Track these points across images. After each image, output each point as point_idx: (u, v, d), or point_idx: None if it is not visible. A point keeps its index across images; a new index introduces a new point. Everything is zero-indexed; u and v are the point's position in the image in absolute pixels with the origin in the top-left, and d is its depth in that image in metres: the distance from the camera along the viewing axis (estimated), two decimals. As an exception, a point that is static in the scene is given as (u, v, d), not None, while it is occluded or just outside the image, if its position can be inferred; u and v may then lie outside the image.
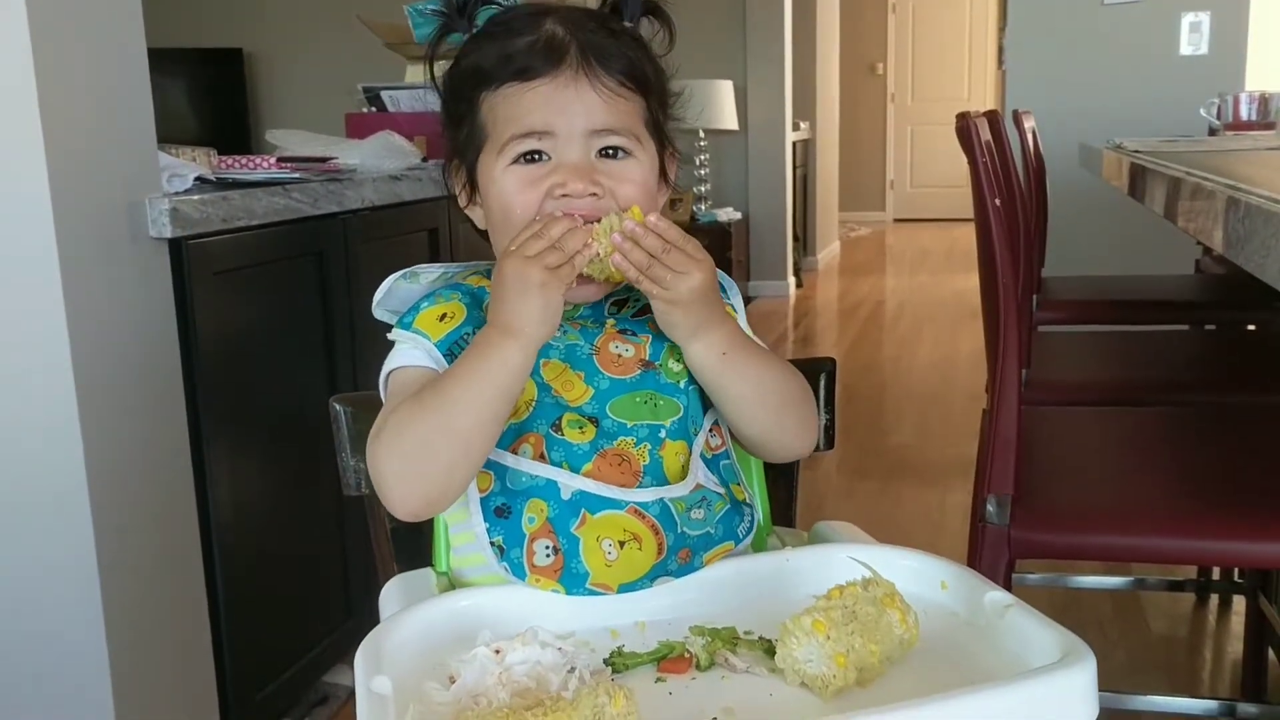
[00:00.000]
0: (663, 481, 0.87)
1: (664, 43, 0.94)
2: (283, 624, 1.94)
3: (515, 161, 0.89)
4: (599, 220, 0.84)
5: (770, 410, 0.92)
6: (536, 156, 0.89)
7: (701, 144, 6.23)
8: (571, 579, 0.84)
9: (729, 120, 6.19)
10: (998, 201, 1.23)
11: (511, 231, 0.87)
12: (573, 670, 0.73)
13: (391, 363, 0.91)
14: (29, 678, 1.61)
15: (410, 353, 0.90)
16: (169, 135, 1.82)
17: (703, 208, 6.30)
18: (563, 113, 0.87)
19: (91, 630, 1.58)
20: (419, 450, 0.82)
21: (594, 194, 0.87)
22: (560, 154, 0.88)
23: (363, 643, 0.75)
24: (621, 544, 0.84)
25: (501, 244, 0.90)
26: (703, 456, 0.91)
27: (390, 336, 0.92)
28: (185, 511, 1.73)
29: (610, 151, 0.89)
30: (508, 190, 0.89)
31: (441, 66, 0.96)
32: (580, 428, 0.87)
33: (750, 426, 0.92)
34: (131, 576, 1.63)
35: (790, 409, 0.93)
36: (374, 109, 2.74)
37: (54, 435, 1.53)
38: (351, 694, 1.99)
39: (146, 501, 1.65)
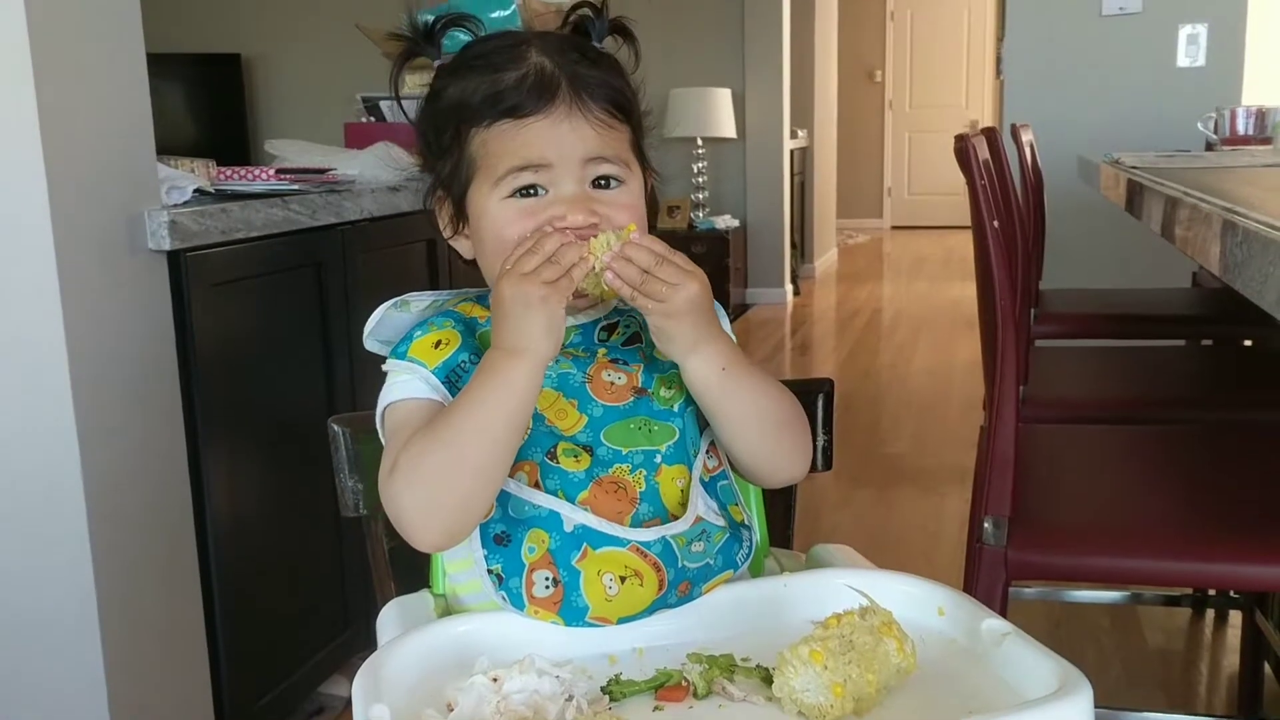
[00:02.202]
0: (660, 508, 0.87)
1: (629, 61, 0.95)
2: (279, 634, 1.94)
3: (511, 195, 0.89)
4: (594, 237, 0.85)
5: (768, 432, 0.92)
6: (532, 191, 0.89)
7: (699, 151, 6.24)
8: (571, 612, 0.83)
9: (727, 128, 6.20)
10: (996, 224, 1.23)
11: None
12: (570, 698, 0.73)
13: (389, 396, 0.90)
14: (25, 688, 1.61)
15: (408, 384, 0.89)
16: (166, 140, 1.81)
17: (700, 215, 6.30)
18: (559, 145, 0.88)
19: (87, 641, 1.58)
20: (436, 483, 0.82)
21: (593, 224, 0.88)
22: (557, 186, 0.89)
23: (360, 669, 0.75)
24: (623, 579, 0.84)
25: (495, 271, 0.89)
26: (700, 480, 0.90)
27: (385, 368, 0.91)
28: (182, 523, 1.73)
29: (603, 181, 0.90)
30: (504, 222, 0.89)
31: (409, 94, 0.96)
32: (575, 456, 0.87)
33: (746, 449, 0.92)
34: (128, 587, 1.63)
35: (786, 431, 0.93)
36: (373, 119, 2.74)
37: (51, 447, 1.53)
38: (347, 704, 1.99)
39: (144, 513, 1.65)
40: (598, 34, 0.95)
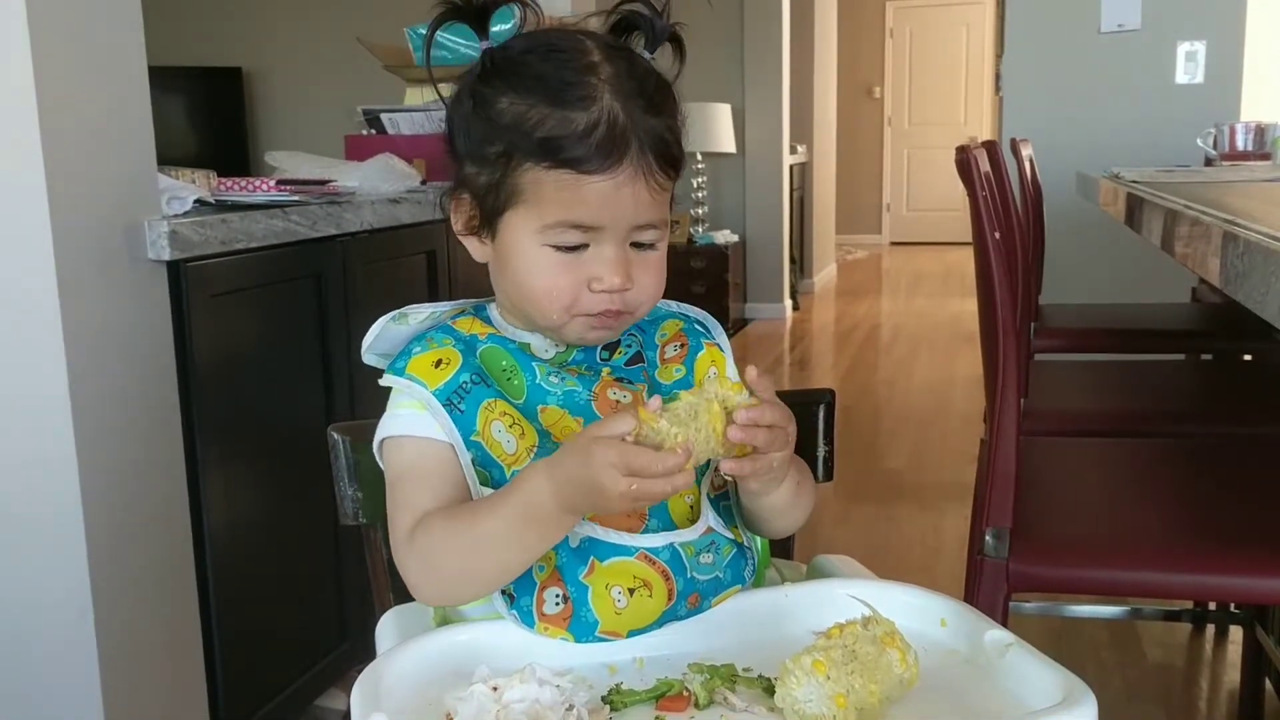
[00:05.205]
0: (669, 522, 0.87)
1: (673, 67, 0.91)
2: (276, 647, 1.93)
3: (553, 246, 0.85)
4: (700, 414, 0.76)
5: (789, 520, 0.93)
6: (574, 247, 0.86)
7: (699, 167, 6.25)
8: (581, 627, 0.83)
9: (726, 143, 6.22)
10: (997, 235, 1.23)
11: (534, 301, 0.87)
12: (571, 708, 0.73)
13: (390, 428, 0.88)
14: (20, 700, 1.60)
15: (410, 420, 0.87)
16: (167, 153, 1.81)
17: (700, 230, 6.31)
18: (615, 210, 0.84)
19: (84, 651, 1.57)
20: (454, 580, 0.84)
21: (626, 289, 0.86)
22: (599, 244, 0.85)
23: (359, 679, 0.74)
24: (631, 591, 0.83)
25: (511, 297, 0.89)
26: (708, 496, 0.90)
27: (383, 382, 0.90)
28: (180, 533, 1.72)
29: (639, 244, 0.87)
30: (540, 271, 0.86)
31: (442, 75, 0.92)
32: None
33: (766, 530, 0.94)
34: (125, 598, 1.62)
35: (803, 513, 0.94)
36: (373, 131, 2.74)
37: (49, 456, 1.53)
38: (344, 717, 1.98)
39: (141, 523, 1.65)
40: (652, 39, 0.89)
